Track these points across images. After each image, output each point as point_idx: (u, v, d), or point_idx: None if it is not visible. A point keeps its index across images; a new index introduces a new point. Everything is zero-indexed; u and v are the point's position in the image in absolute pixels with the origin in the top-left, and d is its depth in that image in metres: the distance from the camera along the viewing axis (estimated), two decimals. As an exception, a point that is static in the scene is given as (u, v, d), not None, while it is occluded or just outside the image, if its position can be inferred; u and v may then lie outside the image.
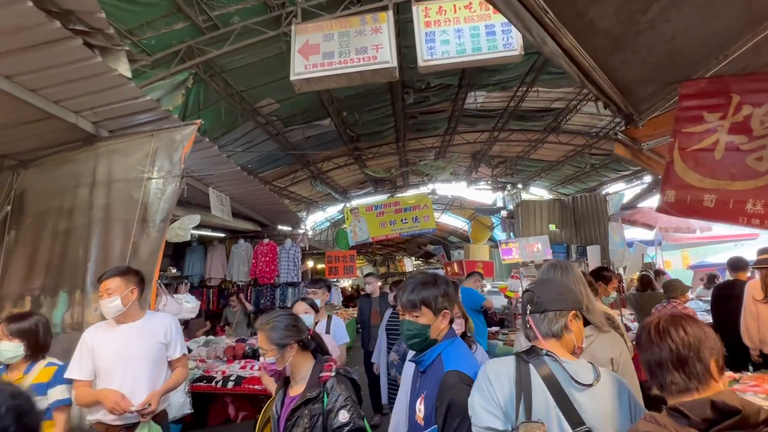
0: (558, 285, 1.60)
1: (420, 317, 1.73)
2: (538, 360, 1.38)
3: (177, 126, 3.99)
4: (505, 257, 12.05)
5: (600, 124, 9.79)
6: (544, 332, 1.44)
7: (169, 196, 3.83)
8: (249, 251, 9.31)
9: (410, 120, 9.34)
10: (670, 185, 2.58)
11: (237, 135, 7.97)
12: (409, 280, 1.86)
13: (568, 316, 1.45)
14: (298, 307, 3.01)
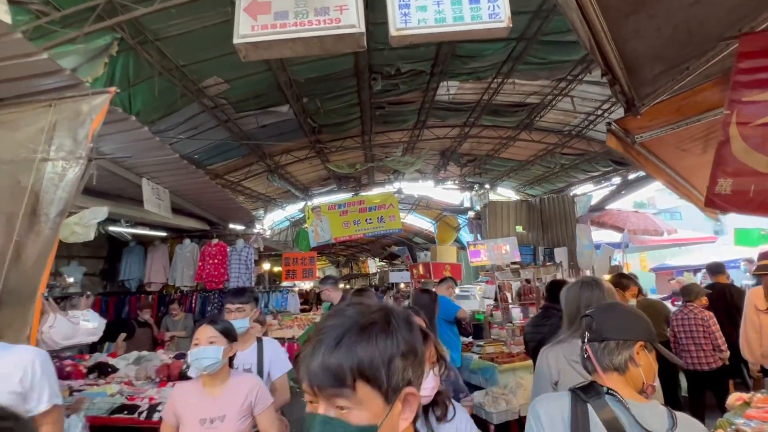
0: (623, 311, 1.40)
1: (351, 410, 0.74)
2: (599, 400, 1.23)
3: (83, 95, 3.07)
4: (473, 259, 11.58)
5: (573, 122, 9.45)
6: (605, 365, 1.29)
7: (70, 184, 2.93)
8: (195, 253, 8.31)
9: (377, 111, 8.60)
10: (726, 172, 1.96)
11: (179, 119, 6.94)
12: (329, 320, 0.83)
13: (635, 347, 1.29)
14: (201, 334, 2.04)
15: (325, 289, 4.63)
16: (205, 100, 6.73)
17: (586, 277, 2.23)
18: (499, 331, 6.04)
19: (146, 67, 5.51)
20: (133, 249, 8.46)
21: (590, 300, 1.99)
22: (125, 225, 6.85)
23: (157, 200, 5.77)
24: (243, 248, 8.21)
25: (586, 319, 1.39)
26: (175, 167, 5.26)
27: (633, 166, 10.09)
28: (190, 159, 8.07)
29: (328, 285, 4.65)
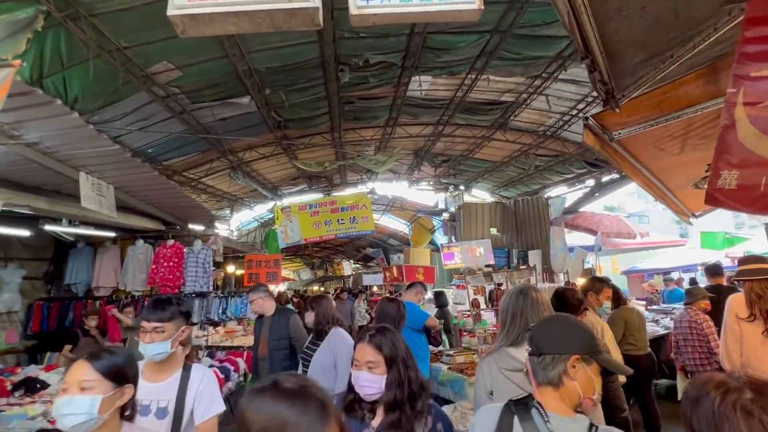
0: (561, 324, 1.39)
1: None
2: (526, 413, 1.27)
3: (-20, 68, 2.53)
4: (446, 262, 11.27)
5: (548, 122, 9.25)
6: (540, 379, 1.30)
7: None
8: (149, 255, 7.69)
9: (346, 106, 8.16)
10: (730, 163, 1.61)
11: (126, 109, 6.33)
12: None
13: (569, 361, 1.28)
14: (71, 375, 1.47)
15: (257, 297, 3.89)
16: (155, 89, 6.14)
17: (520, 285, 2.21)
18: (470, 339, 5.70)
19: (82, 48, 4.92)
20: (81, 250, 7.80)
21: (522, 307, 2.00)
22: (67, 224, 6.18)
23: (98, 196, 5.20)
24: (201, 250, 7.65)
25: (528, 333, 1.38)
26: (118, 160, 4.72)
27: (608, 167, 9.99)
28: (143, 153, 7.45)
29: (260, 293, 3.93)
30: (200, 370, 2.08)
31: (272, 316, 3.90)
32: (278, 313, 3.94)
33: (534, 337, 1.34)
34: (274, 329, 3.80)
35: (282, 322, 3.83)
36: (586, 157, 10.12)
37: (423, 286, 5.03)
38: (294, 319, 3.85)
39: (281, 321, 3.85)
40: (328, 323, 3.25)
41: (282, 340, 3.77)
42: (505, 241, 13.61)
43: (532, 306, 1.99)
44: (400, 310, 3.44)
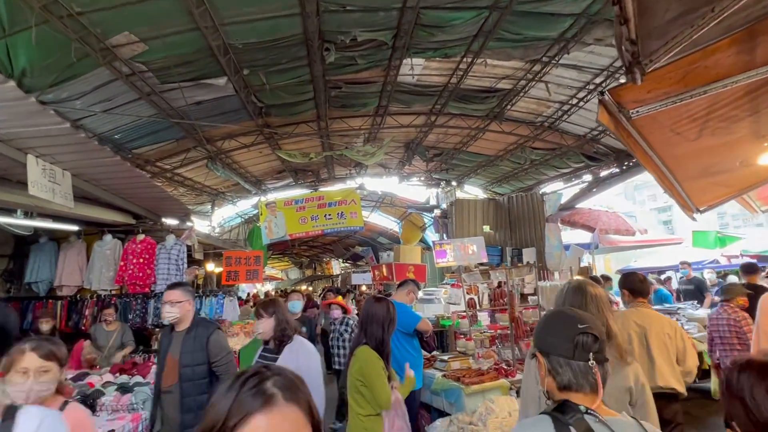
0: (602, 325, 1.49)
1: None
2: (581, 421, 1.17)
3: None
4: (438, 260, 10.84)
5: (547, 112, 8.78)
6: (605, 386, 1.26)
7: None
8: (117, 251, 7.04)
9: (333, 91, 7.59)
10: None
11: (85, 87, 5.68)
12: None
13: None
14: None
15: (176, 299, 2.87)
16: (118, 65, 5.50)
17: (575, 281, 2.16)
18: (466, 343, 5.18)
19: (26, 12, 4.28)
20: (44, 246, 7.12)
21: (581, 305, 1.92)
22: (22, 216, 5.51)
23: (51, 183, 4.57)
24: (174, 245, 7.01)
25: (590, 337, 1.24)
26: (71, 142, 4.11)
27: (606, 162, 9.56)
28: (109, 140, 6.79)
29: (181, 293, 2.84)
30: (35, 416, 1.47)
31: (186, 330, 2.81)
32: (195, 327, 2.83)
33: (599, 343, 1.24)
34: (187, 349, 2.74)
35: (199, 340, 2.76)
36: (585, 150, 9.69)
37: (416, 284, 4.49)
38: (217, 335, 2.83)
39: (198, 338, 2.77)
40: (289, 332, 2.75)
41: (198, 365, 2.73)
42: (498, 239, 13.20)
43: (592, 302, 1.93)
44: (389, 312, 2.88)
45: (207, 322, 3.00)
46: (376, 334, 2.80)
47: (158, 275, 6.88)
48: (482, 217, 13.35)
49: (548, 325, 1.35)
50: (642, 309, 3.08)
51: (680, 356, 2.79)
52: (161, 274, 6.91)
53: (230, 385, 0.74)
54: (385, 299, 3.01)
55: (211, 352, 2.74)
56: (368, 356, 2.71)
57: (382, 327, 2.82)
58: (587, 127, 8.91)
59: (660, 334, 2.86)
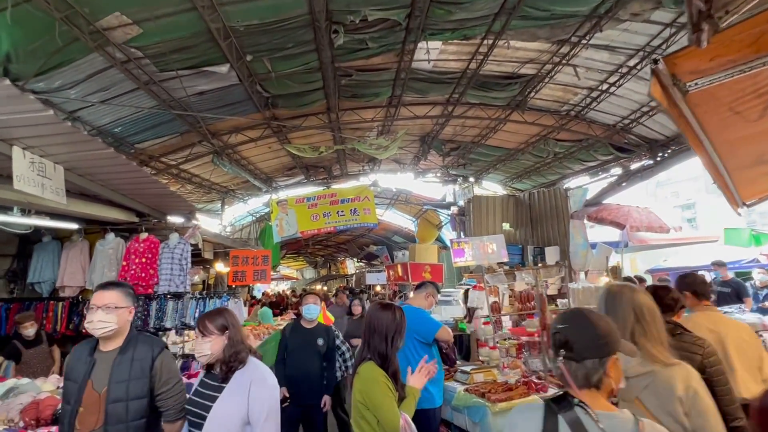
0: (597, 324, 1.33)
1: None
2: (570, 412, 1.25)
3: None
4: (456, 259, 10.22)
5: (573, 100, 8.14)
6: (581, 383, 1.29)
7: None
8: (120, 250, 6.69)
9: (343, 79, 7.11)
10: None
11: (78, 75, 5.32)
12: None
13: (609, 362, 1.29)
14: None
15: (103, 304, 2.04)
16: (111, 50, 5.12)
17: (616, 284, 2.04)
18: (490, 352, 4.64)
19: (6, -12, 3.91)
20: (47, 245, 6.84)
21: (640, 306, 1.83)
22: (19, 214, 5.18)
23: (41, 178, 4.19)
24: (177, 244, 6.63)
25: (559, 336, 1.33)
26: (59, 132, 3.73)
27: (638, 153, 8.87)
28: (109, 133, 6.44)
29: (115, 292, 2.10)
30: None
31: (120, 349, 2.03)
32: (132, 345, 2.05)
33: (569, 342, 1.29)
34: (119, 377, 1.96)
35: (139, 364, 2.01)
36: (615, 141, 9.00)
37: (435, 286, 3.96)
38: (165, 356, 2.11)
39: (138, 361, 2.01)
40: (243, 354, 2.05)
41: (135, 400, 1.98)
42: (519, 237, 12.58)
43: (626, 306, 1.83)
44: (396, 321, 2.36)
45: (149, 339, 2.19)
46: (378, 348, 2.29)
47: (161, 275, 6.53)
48: (502, 215, 12.74)
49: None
50: (711, 313, 2.69)
51: (759, 363, 2.44)
52: (164, 275, 6.55)
53: None
54: (391, 305, 2.48)
55: (157, 380, 2.01)
56: (372, 374, 2.20)
57: (386, 339, 2.31)
58: (618, 115, 8.23)
59: (738, 340, 2.48)
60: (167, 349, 2.18)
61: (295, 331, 4.00)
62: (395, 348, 2.33)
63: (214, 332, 1.99)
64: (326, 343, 3.94)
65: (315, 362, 3.83)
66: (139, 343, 2.07)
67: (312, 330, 3.96)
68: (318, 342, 3.88)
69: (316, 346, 3.86)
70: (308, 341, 3.88)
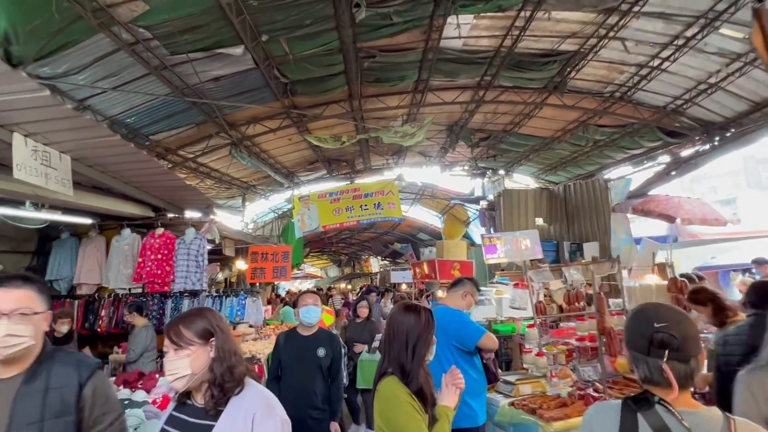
0: (691, 320, 1.31)
1: None
2: (649, 410, 1.20)
3: None
4: (488, 256, 9.61)
5: (619, 79, 7.36)
6: (682, 383, 1.20)
7: None
8: (136, 246, 6.40)
9: (366, 61, 6.59)
10: None
11: (84, 58, 4.99)
12: None
13: (701, 356, 1.25)
14: None
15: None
16: (117, 29, 4.76)
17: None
18: (537, 359, 4.03)
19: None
20: (65, 242, 6.64)
21: None
22: (31, 208, 4.90)
23: (44, 167, 3.83)
24: (193, 240, 6.28)
25: (662, 336, 1.23)
26: (60, 116, 3.36)
27: (691, 138, 7.99)
28: (122, 123, 6.13)
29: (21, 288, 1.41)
30: None
31: (26, 376, 1.35)
32: (45, 369, 1.38)
33: (675, 341, 1.21)
34: (22, 419, 1.28)
35: (58, 395, 1.35)
36: (664, 125, 8.16)
37: (474, 283, 3.39)
38: (97, 381, 1.42)
39: (55, 390, 1.35)
40: (238, 374, 1.42)
41: None
42: (554, 233, 11.84)
43: None
44: (421, 326, 1.83)
45: (71, 357, 1.48)
46: (399, 358, 1.77)
47: (177, 272, 6.18)
48: (534, 209, 12.03)
49: (630, 320, 1.35)
50: None
51: None
52: (180, 272, 6.20)
53: None
54: (416, 307, 1.93)
55: (87, 416, 1.37)
56: (393, 392, 1.70)
57: (407, 348, 1.78)
58: (670, 95, 7.41)
59: None
60: (101, 371, 1.47)
61: (290, 339, 3.16)
62: (419, 359, 1.79)
63: (194, 341, 1.37)
64: (330, 354, 3.08)
65: (315, 379, 3.01)
66: (56, 365, 1.39)
67: (311, 338, 3.10)
68: (318, 353, 3.04)
69: (317, 359, 3.02)
70: (306, 352, 3.04)
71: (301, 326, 3.15)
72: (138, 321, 5.33)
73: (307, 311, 3.10)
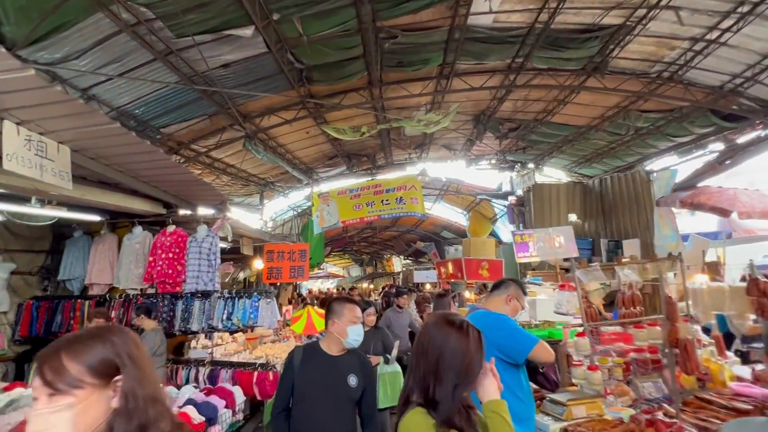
0: None
1: None
2: None
3: None
4: (520, 254, 8.99)
5: (669, 56, 6.58)
6: None
7: None
8: (146, 244, 6.07)
9: (387, 42, 6.05)
10: None
11: (82, 42, 4.63)
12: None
13: None
14: None
15: None
16: (115, 8, 4.37)
17: None
18: (590, 374, 3.41)
19: None
20: (78, 241, 6.38)
21: None
22: (37, 205, 4.59)
23: (39, 158, 3.49)
24: (205, 237, 5.90)
25: None
26: (51, 100, 3.03)
27: (751, 122, 7.12)
28: (129, 115, 5.78)
29: None
30: None
31: None
32: None
33: None
34: None
35: None
36: (719, 108, 7.32)
37: (520, 286, 2.82)
38: None
39: None
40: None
41: None
42: (588, 229, 11.05)
43: None
44: (468, 354, 1.32)
45: None
46: (430, 386, 1.31)
47: (188, 272, 5.80)
48: (567, 204, 11.29)
49: None
50: None
51: None
52: (191, 271, 5.82)
53: None
54: (463, 324, 1.38)
55: None
56: (417, 427, 1.25)
57: (440, 377, 1.31)
58: (728, 73, 6.59)
59: None
60: None
61: (311, 358, 2.24)
62: (457, 396, 1.27)
63: (84, 381, 0.85)
64: (361, 383, 2.21)
65: (344, 417, 2.17)
66: None
67: (340, 360, 2.23)
68: (349, 381, 2.17)
69: (347, 389, 2.17)
70: (335, 378, 2.18)
71: (329, 341, 2.28)
72: (147, 324, 4.95)
73: (357, 332, 2.26)
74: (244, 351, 7.02)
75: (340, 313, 2.29)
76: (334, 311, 2.33)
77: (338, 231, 18.16)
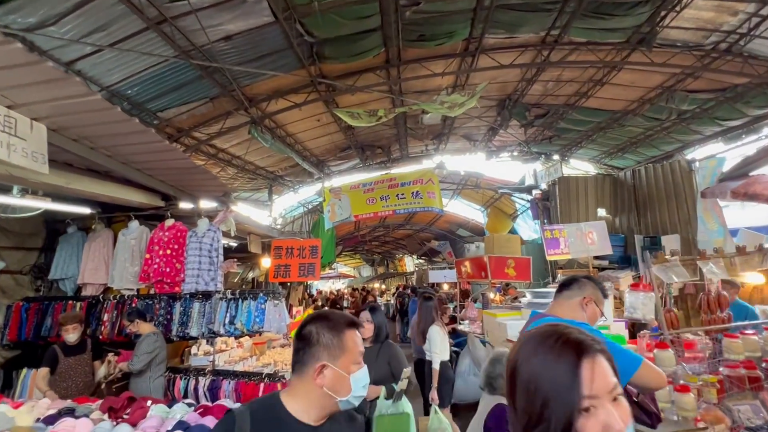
0: None
1: None
2: None
3: None
4: (550, 251, 8.23)
5: (730, 23, 5.76)
6: None
7: None
8: (143, 240, 5.44)
9: (408, 10, 5.34)
10: None
11: (64, 4, 4.00)
12: None
13: None
14: None
15: None
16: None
17: None
18: (681, 398, 2.68)
19: None
20: (72, 237, 5.81)
21: None
22: (18, 195, 3.99)
23: (6, 135, 2.96)
24: (206, 232, 5.27)
25: None
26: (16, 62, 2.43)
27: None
28: (122, 95, 5.16)
29: None
30: None
31: None
32: None
33: None
34: None
35: None
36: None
37: (598, 286, 2.09)
38: None
39: None
40: None
41: None
42: (620, 225, 10.26)
43: None
44: None
45: None
46: None
47: (187, 270, 5.18)
48: (595, 198, 10.52)
49: None
50: None
51: None
52: (191, 269, 5.19)
53: None
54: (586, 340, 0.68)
55: None
56: None
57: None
58: (797, 42, 5.77)
59: None
60: None
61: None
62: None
63: None
64: None
65: None
66: None
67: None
68: None
69: None
70: None
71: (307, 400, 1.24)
72: (143, 328, 4.33)
73: (363, 380, 1.24)
74: (250, 357, 6.37)
75: (337, 347, 1.20)
76: (323, 343, 1.21)
77: (350, 229, 17.50)
